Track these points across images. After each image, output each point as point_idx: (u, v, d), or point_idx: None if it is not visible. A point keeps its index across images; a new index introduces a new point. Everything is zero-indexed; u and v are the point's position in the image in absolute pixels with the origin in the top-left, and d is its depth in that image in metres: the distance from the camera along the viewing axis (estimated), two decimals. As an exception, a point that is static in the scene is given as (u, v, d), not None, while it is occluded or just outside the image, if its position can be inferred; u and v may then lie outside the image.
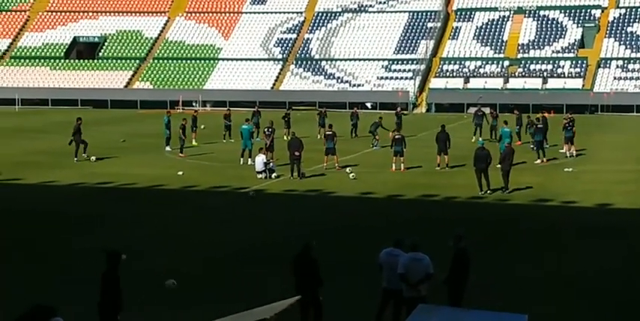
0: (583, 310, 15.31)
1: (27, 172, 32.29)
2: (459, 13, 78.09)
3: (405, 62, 74.18)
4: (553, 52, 72.51)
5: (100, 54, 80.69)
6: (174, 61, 78.64)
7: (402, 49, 75.59)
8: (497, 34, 75.20)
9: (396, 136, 33.10)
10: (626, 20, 74.02)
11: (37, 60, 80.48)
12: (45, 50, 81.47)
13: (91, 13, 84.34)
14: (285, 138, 40.35)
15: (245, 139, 35.17)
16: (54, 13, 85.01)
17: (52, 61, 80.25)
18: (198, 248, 19.96)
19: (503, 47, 73.84)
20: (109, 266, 12.48)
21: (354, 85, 72.95)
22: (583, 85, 69.03)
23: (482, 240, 19.95)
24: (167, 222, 23.19)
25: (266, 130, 35.66)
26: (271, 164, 31.44)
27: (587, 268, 18.24)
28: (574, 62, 71.19)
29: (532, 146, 36.95)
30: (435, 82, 71.93)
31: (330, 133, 33.67)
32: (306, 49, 77.47)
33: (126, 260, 12.41)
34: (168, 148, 39.40)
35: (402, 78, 72.75)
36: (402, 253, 13.50)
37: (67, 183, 29.95)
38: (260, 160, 31.24)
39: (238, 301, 14.62)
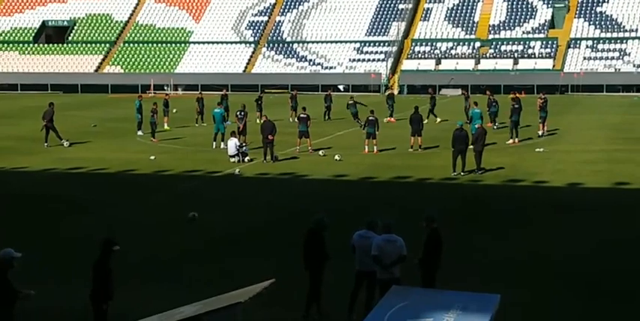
0: (555, 292, 15.47)
1: (-3, 158, 32.03)
2: (430, -6, 78.06)
3: (376, 44, 74.17)
4: (523, 32, 72.80)
5: (70, 38, 79.95)
6: (145, 45, 78.10)
7: (373, 30, 75.55)
8: (468, 15, 75.35)
9: (370, 118, 33.14)
10: (595, 0, 74.40)
11: (5, 44, 79.63)
12: (13, 34, 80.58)
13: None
14: (257, 121, 40.35)
15: (217, 123, 35.11)
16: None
17: (21, 45, 79.42)
18: (172, 234, 19.93)
19: (474, 28, 74.01)
20: (102, 254, 12.29)
21: (327, 68, 72.90)
22: (553, 66, 69.44)
23: (455, 221, 20.08)
24: (140, 207, 23.11)
25: (238, 113, 35.60)
26: (244, 148, 31.40)
27: (559, 249, 18.42)
28: (544, 43, 71.55)
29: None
30: (407, 64, 72.04)
31: (304, 116, 33.65)
32: (277, 31, 77.22)
33: (119, 251, 12.26)
34: (140, 133, 39.21)
35: (374, 60, 72.77)
36: (374, 235, 13.55)
37: (39, 168, 29.74)
38: (232, 143, 31.19)
39: (214, 286, 14.64)
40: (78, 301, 14.74)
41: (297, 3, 79.54)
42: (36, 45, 79.60)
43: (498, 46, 71.96)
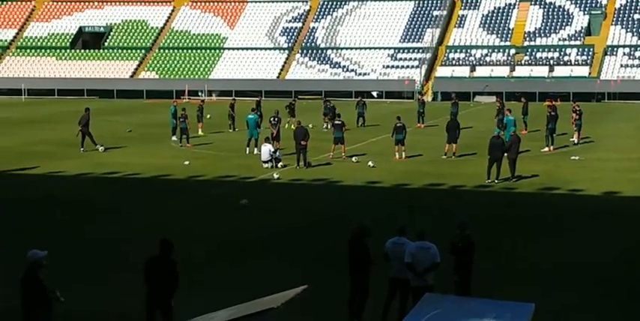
0: (593, 298, 15.31)
1: (34, 162, 32.34)
2: (464, 0, 77.86)
3: (410, 51, 74.02)
4: (559, 39, 72.29)
5: (106, 44, 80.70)
6: (180, 51, 78.60)
7: (407, 37, 75.41)
8: (503, 21, 74.98)
9: (397, 125, 33.04)
10: (632, 7, 73.71)
11: (43, 50, 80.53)
12: (51, 40, 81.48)
13: (96, 3, 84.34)
14: (287, 127, 40.45)
15: (251, 129, 35.20)
16: (59, 3, 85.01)
17: (58, 51, 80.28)
18: (205, 238, 19.99)
19: (509, 35, 73.62)
20: (162, 253, 12.37)
21: (360, 74, 72.87)
22: (589, 73, 68.85)
23: (489, 228, 19.93)
24: (173, 212, 23.22)
25: (272, 119, 35.66)
26: (277, 153, 31.45)
27: (595, 256, 18.22)
28: (580, 50, 70.96)
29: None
30: (441, 71, 71.80)
31: (339, 122, 33.64)
32: (311, 38, 77.35)
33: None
34: (174, 138, 39.42)
35: (408, 66, 72.62)
36: (407, 241, 13.49)
37: (75, 173, 29.99)
38: (266, 149, 31.24)
39: (246, 291, 14.65)
40: (107, 304, 14.84)
41: (332, 9, 79.64)
42: (73, 50, 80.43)
43: (534, 53, 71.49)
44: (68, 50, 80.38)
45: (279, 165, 30.92)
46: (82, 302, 14.36)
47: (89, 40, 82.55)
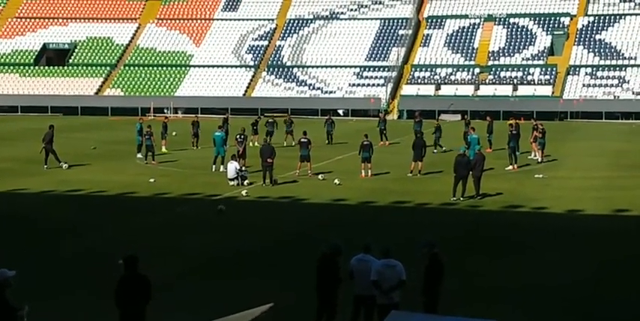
0: (553, 318, 15.41)
1: (-4, 179, 32.00)
2: (429, 20, 78.51)
3: (376, 69, 74.42)
4: (523, 59, 73.08)
5: (70, 61, 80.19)
6: (146, 68, 78.32)
7: (373, 56, 75.83)
8: (467, 41, 75.67)
9: (364, 143, 33.17)
10: (594, 28, 74.78)
11: (6, 67, 79.80)
12: (14, 57, 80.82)
13: (60, 20, 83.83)
14: (252, 144, 40.45)
15: (218, 146, 35.17)
16: (23, 20, 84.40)
17: (22, 67, 79.63)
18: (169, 257, 19.85)
19: (473, 54, 74.30)
20: (129, 270, 12.33)
21: (326, 92, 73.07)
22: (553, 92, 69.65)
23: (454, 246, 20.01)
24: (138, 230, 23.05)
25: (238, 137, 35.63)
26: (244, 171, 31.40)
27: (557, 275, 18.36)
28: (544, 69, 71.80)
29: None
30: (407, 89, 72.22)
31: (305, 140, 33.69)
32: (277, 56, 77.50)
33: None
34: (139, 155, 39.21)
35: (373, 85, 72.97)
36: (372, 258, 13.51)
37: (38, 190, 29.70)
38: (232, 167, 31.18)
39: (213, 309, 14.56)
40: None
41: (298, 28, 79.89)
42: (37, 67, 79.82)
43: (498, 73, 72.21)
44: (32, 67, 79.75)
45: (245, 182, 30.87)
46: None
47: (53, 57, 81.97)
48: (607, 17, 75.46)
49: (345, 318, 13.60)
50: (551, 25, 75.69)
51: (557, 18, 76.20)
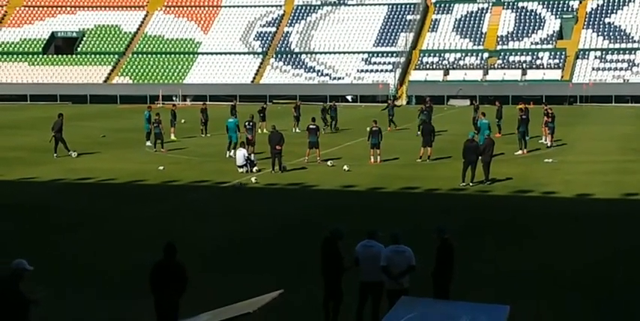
0: (566, 302, 15.41)
1: (6, 168, 32.10)
2: (437, 5, 78.20)
3: (384, 55, 74.23)
4: (532, 43, 72.79)
5: (79, 49, 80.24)
6: (154, 56, 78.32)
7: (381, 41, 75.63)
8: (476, 26, 75.38)
9: (374, 129, 33.14)
10: (603, 11, 74.39)
11: (15, 55, 79.93)
12: (23, 46, 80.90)
13: (68, 8, 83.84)
14: (260, 131, 40.47)
15: (230, 132, 35.28)
16: (31, 8, 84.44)
17: (31, 56, 79.72)
18: (179, 244, 19.86)
19: (482, 39, 74.03)
20: (167, 257, 12.50)
21: (335, 78, 72.96)
22: (562, 76, 69.38)
23: (463, 231, 20.01)
24: (148, 217, 23.12)
25: (247, 124, 35.62)
26: (252, 158, 31.44)
27: (568, 259, 18.34)
28: (552, 53, 71.50)
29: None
30: (415, 75, 72.06)
31: (314, 126, 33.66)
32: (285, 42, 77.36)
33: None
34: (148, 143, 39.26)
35: (382, 71, 72.81)
36: (377, 243, 13.50)
37: (48, 179, 29.79)
38: (241, 154, 31.19)
39: (223, 297, 14.60)
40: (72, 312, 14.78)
41: (306, 14, 79.70)
42: (45, 56, 79.90)
43: (506, 57, 71.94)
44: (41, 55, 79.84)
45: (254, 169, 30.89)
46: (56, 312, 14.26)
47: (62, 46, 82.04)
48: (616, 0, 75.00)
49: (353, 304, 13.61)
50: (559, 9, 75.32)
51: (566, 1, 75.81)
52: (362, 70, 73.21)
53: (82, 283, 16.64)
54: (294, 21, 79.32)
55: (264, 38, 78.03)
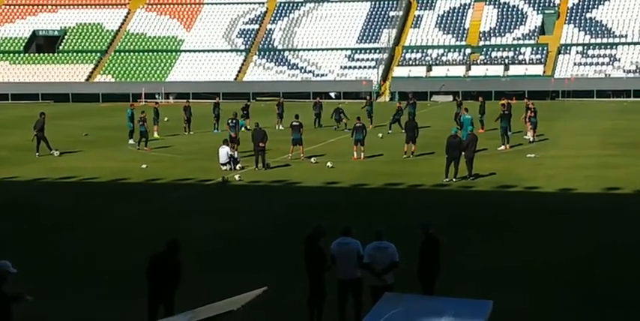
0: (549, 297, 15.48)
1: (-12, 168, 31.94)
2: (420, 1, 78.35)
3: (367, 51, 74.29)
4: (514, 39, 73.04)
5: (61, 47, 79.88)
6: (136, 54, 78.06)
7: (364, 38, 75.68)
8: (458, 21, 75.55)
9: (357, 125, 33.20)
10: (585, 6, 74.71)
11: (-4, 54, 79.47)
12: (4, 44, 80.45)
13: (50, 6, 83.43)
14: (243, 129, 40.40)
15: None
16: (12, 7, 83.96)
17: (12, 55, 79.29)
18: (161, 244, 19.82)
19: (464, 35, 74.22)
20: (169, 252, 12.98)
21: (318, 75, 72.98)
22: (544, 72, 69.66)
23: (447, 227, 20.06)
24: (131, 216, 23.06)
25: (230, 121, 35.56)
26: (236, 155, 31.40)
27: (551, 254, 18.43)
28: (535, 49, 71.77)
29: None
30: (398, 71, 72.17)
31: (297, 123, 33.65)
32: (268, 39, 77.28)
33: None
34: (131, 141, 39.15)
35: (365, 67, 72.88)
36: (352, 240, 13.47)
37: (30, 178, 29.66)
38: (224, 151, 31.15)
39: (203, 297, 14.59)
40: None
41: (288, 11, 79.63)
42: (27, 55, 79.48)
43: (489, 53, 72.15)
44: (22, 54, 79.41)
45: (238, 167, 30.86)
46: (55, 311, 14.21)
47: (43, 44, 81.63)
48: (597, -5, 75.38)
49: (334, 303, 13.59)
50: (541, 4, 75.59)
51: (548, -3, 76.08)
52: (345, 67, 73.26)
53: (80, 282, 16.58)
54: (276, 18, 79.24)
55: (247, 35, 77.93)
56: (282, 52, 75.74)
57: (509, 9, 75.62)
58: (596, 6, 74.47)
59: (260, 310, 12.94)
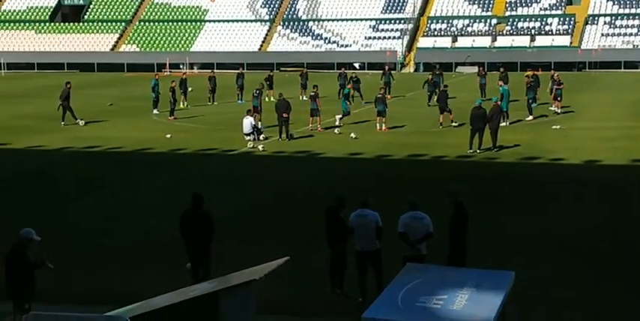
0: (572, 267, 15.46)
1: (14, 136, 32.17)
2: (446, -29, 77.44)
3: (392, 22, 73.75)
4: (540, 9, 72.19)
5: (86, 17, 79.96)
6: (161, 24, 78.00)
7: (389, 8, 75.10)
8: (484, -9, 74.69)
9: (378, 96, 33.11)
10: (614, -24, 73.58)
11: (21, 24, 79.72)
12: (30, 13, 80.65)
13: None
14: (267, 99, 40.35)
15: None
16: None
17: (37, 24, 79.50)
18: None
19: (490, 5, 73.44)
20: (195, 206, 13.95)
21: (342, 46, 72.60)
22: (571, 43, 68.89)
23: (472, 198, 19.99)
24: (157, 186, 23.19)
25: (254, 92, 35.54)
26: (260, 126, 31.41)
27: (575, 225, 18.36)
28: (562, 19, 70.92)
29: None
30: (423, 42, 71.64)
31: (314, 93, 33.57)
32: (293, 9, 76.90)
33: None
34: (155, 111, 39.26)
35: (389, 38, 72.40)
36: (371, 212, 13.47)
37: (55, 147, 29.86)
38: (248, 122, 31.15)
39: (231, 263, 14.68)
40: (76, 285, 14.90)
41: (313, -20, 79.06)
42: (52, 24, 79.66)
43: (515, 23, 71.40)
44: (47, 23, 79.59)
45: (261, 137, 30.89)
46: (66, 283, 14.38)
47: (68, 13, 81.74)
48: (627, -35, 74.21)
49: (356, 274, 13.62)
50: (569, -26, 74.56)
51: (576, -34, 75.03)
52: (370, 37, 72.82)
53: (101, 252, 16.75)
54: (301, -12, 78.72)
55: (271, 5, 77.56)
56: (306, 23, 75.37)
57: (537, -21, 74.64)
58: (625, -24, 73.33)
59: (282, 278, 13.01)
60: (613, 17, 70.16)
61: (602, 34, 68.92)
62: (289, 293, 13.82)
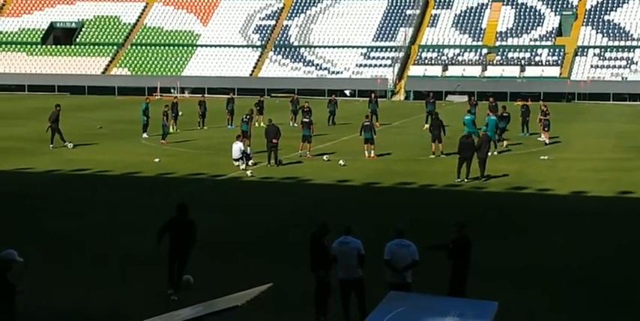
0: (555, 299, 15.45)
1: (2, 157, 32.10)
2: (437, 0, 78.10)
3: (383, 50, 74.17)
4: (531, 40, 72.75)
5: (78, 40, 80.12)
6: (153, 48, 78.21)
7: (380, 36, 75.57)
8: (475, 21, 75.30)
9: (365, 123, 33.22)
10: (603, 8, 74.32)
11: (13, 45, 79.79)
12: (22, 35, 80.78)
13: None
14: (256, 125, 40.42)
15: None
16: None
17: (29, 46, 79.61)
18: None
19: (481, 35, 73.99)
20: (180, 214, 15.06)
21: (333, 73, 72.90)
22: (560, 73, 69.36)
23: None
24: (141, 209, 23.13)
25: (244, 117, 35.61)
26: (248, 151, 31.44)
27: (561, 257, 18.37)
28: (551, 50, 71.47)
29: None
30: (414, 70, 72.02)
31: (307, 120, 33.65)
32: (284, 35, 77.29)
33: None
34: (145, 135, 39.27)
35: (380, 65, 72.77)
36: (353, 240, 13.52)
37: (44, 170, 29.79)
38: (237, 147, 31.17)
39: (215, 291, 14.65)
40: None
41: (305, 7, 79.58)
42: (44, 46, 79.78)
43: (505, 53, 71.91)
44: (39, 46, 79.71)
45: (250, 163, 30.90)
46: (43, 300, 14.30)
47: (61, 36, 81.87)
48: (616, -2, 74.99)
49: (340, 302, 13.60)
50: (559, 6, 75.26)
51: (566, -2, 75.76)
52: (361, 65, 73.16)
53: (89, 270, 16.66)
54: (293, 14, 79.22)
55: (264, 31, 77.95)
56: (298, 49, 75.72)
57: (527, 9, 75.33)
58: (614, 8, 74.07)
59: (266, 305, 12.96)
60: (602, 49, 70.74)
61: (592, 66, 69.44)
62: (274, 320, 13.77)
